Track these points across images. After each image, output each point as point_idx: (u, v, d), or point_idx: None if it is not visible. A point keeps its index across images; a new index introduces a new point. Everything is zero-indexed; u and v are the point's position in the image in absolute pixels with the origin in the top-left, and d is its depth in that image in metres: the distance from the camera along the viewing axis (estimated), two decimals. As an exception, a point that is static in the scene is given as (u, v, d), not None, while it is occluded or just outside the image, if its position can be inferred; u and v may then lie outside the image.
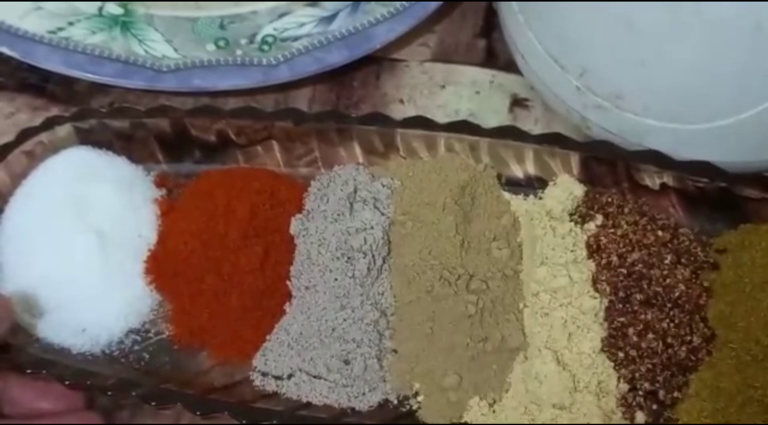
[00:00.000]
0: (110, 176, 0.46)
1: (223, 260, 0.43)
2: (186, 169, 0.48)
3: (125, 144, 0.48)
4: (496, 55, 0.55)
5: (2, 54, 0.50)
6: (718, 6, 0.40)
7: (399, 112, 0.53)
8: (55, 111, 0.53)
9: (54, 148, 0.47)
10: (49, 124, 0.47)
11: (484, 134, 0.46)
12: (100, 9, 0.52)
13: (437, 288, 0.42)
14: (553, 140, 0.46)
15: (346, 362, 0.41)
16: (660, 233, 0.43)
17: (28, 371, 0.40)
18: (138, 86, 0.51)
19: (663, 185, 0.45)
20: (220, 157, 0.48)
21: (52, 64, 0.50)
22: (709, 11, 0.40)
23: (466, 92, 0.54)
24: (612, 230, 0.44)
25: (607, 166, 0.45)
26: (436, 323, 0.42)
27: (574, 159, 0.46)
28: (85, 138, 0.48)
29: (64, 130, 0.47)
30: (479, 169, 0.46)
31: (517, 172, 0.47)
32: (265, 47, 0.51)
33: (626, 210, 0.44)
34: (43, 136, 0.47)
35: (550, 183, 0.46)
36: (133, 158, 0.48)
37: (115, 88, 0.52)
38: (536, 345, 0.41)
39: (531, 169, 0.47)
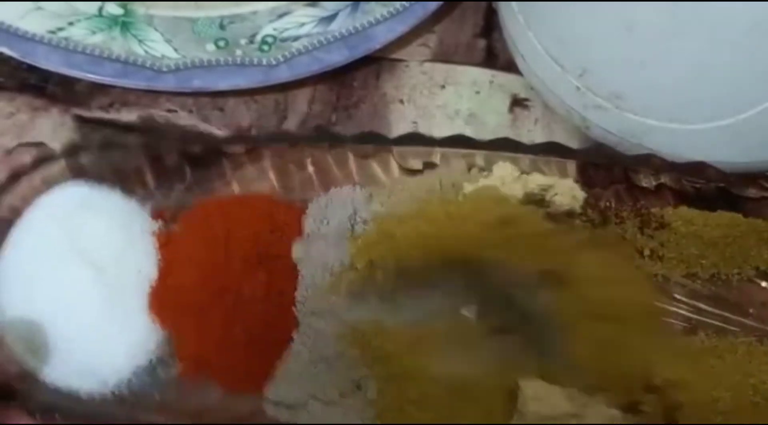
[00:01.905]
0: (106, 211, 0.45)
1: (226, 290, 0.43)
2: (178, 196, 0.47)
3: (117, 172, 0.47)
4: (496, 55, 0.55)
5: (2, 54, 0.50)
6: (718, 6, 0.40)
7: (399, 111, 0.53)
8: (54, 111, 0.53)
9: (47, 185, 0.45)
10: (40, 162, 0.45)
11: (479, 147, 0.46)
12: (100, 9, 0.52)
13: None
14: (550, 149, 0.45)
15: (359, 386, 0.40)
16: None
17: (38, 417, 0.40)
18: (138, 86, 0.50)
19: (659, 185, 0.45)
20: (211, 172, 0.47)
21: (52, 64, 0.49)
22: (708, 11, 0.40)
23: (466, 92, 0.54)
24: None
25: (604, 168, 0.45)
26: None
27: (571, 163, 0.45)
28: (78, 172, 0.46)
29: (56, 166, 0.46)
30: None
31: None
32: (265, 47, 0.51)
33: (624, 213, 0.44)
34: (36, 174, 0.45)
35: (551, 188, 0.45)
36: (124, 185, 0.46)
37: (115, 87, 0.52)
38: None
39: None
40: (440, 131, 0.52)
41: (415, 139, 0.46)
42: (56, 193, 0.45)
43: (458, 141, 0.46)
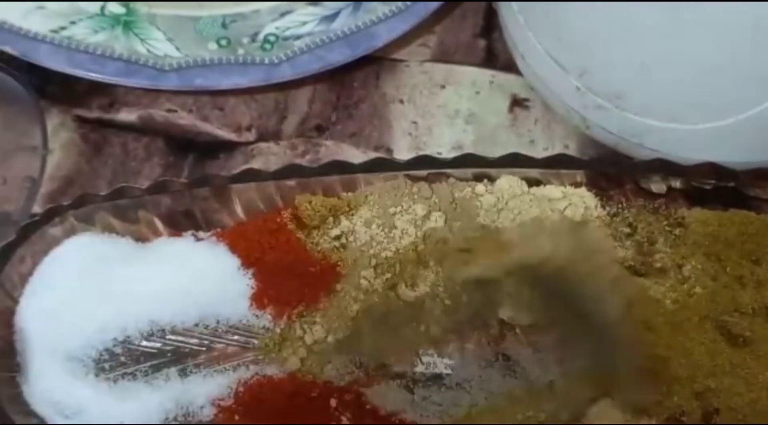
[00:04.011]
0: (122, 260, 0.43)
1: None
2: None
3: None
4: (496, 55, 0.56)
5: (4, 53, 0.50)
6: (718, 6, 0.40)
7: (399, 111, 0.54)
8: (54, 111, 0.53)
9: (57, 239, 0.43)
10: (49, 216, 0.43)
11: (488, 165, 0.45)
12: (102, 8, 0.52)
13: None
14: (559, 162, 0.44)
15: None
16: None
17: None
18: (140, 85, 0.51)
19: (669, 188, 0.44)
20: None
21: (55, 63, 0.49)
22: (709, 11, 0.40)
23: (466, 92, 0.54)
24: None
25: (614, 175, 0.45)
26: None
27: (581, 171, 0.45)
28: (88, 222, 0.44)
29: (65, 220, 0.43)
30: None
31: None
32: (267, 46, 0.52)
33: (641, 220, 0.44)
34: (45, 229, 0.43)
35: (564, 198, 0.44)
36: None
37: (116, 88, 0.53)
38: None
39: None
40: (440, 131, 0.53)
41: (423, 161, 0.45)
42: (67, 247, 0.43)
43: (468, 161, 0.45)
